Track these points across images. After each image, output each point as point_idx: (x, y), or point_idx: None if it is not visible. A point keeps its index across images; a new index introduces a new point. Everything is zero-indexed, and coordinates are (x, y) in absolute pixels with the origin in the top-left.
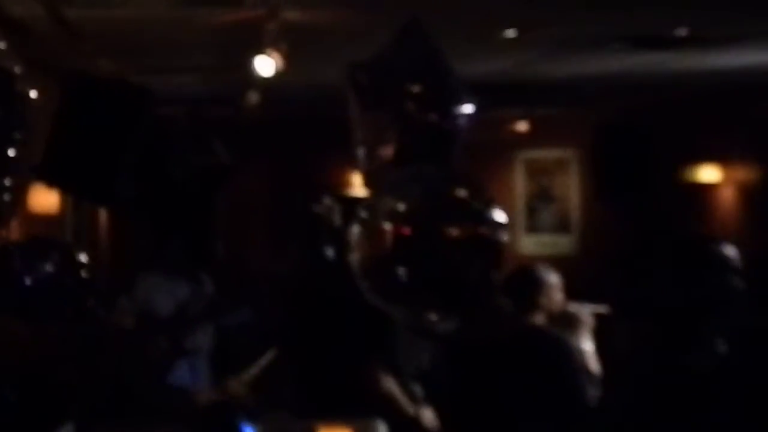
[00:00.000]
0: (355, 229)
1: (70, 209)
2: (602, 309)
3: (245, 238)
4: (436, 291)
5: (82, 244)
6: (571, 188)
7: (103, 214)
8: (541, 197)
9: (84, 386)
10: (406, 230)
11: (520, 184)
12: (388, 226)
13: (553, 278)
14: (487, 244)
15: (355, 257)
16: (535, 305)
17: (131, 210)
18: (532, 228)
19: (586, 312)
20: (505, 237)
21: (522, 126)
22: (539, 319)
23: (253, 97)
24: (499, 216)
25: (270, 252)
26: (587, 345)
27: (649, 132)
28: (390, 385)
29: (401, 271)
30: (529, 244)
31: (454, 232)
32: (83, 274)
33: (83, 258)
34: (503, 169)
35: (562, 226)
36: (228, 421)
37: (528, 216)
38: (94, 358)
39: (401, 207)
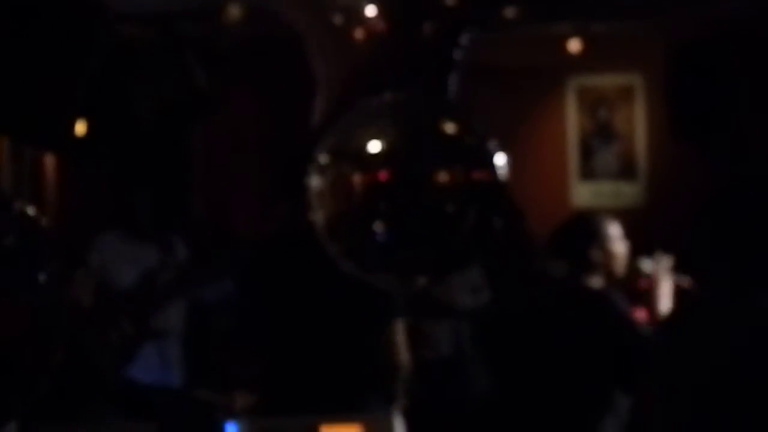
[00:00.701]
0: (315, 180)
1: (6, 155)
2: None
3: (226, 191)
4: (423, 250)
5: (23, 199)
6: (636, 123)
7: (49, 162)
8: (599, 135)
9: (40, 373)
10: (383, 175)
11: (572, 118)
12: (358, 173)
13: (614, 230)
14: (484, 189)
15: (318, 216)
16: (590, 263)
17: (85, 156)
18: (589, 173)
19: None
20: (504, 180)
21: (574, 45)
22: (597, 281)
23: (234, 12)
24: (498, 155)
25: (257, 209)
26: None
27: (735, 51)
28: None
29: (379, 227)
30: (584, 194)
31: (442, 176)
32: (35, 232)
33: (31, 211)
34: (551, 100)
35: (625, 170)
36: (209, 420)
37: (583, 158)
38: (54, 340)
39: (375, 147)
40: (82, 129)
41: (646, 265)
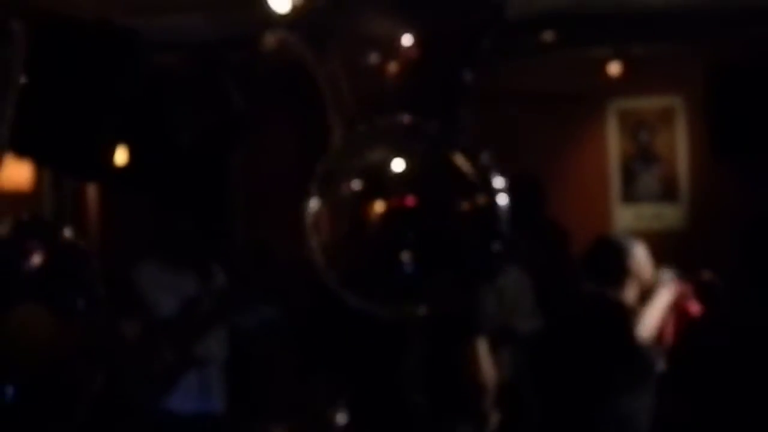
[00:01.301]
0: (313, 203)
1: (48, 185)
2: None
3: (266, 216)
4: (443, 279)
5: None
6: (677, 145)
7: (90, 191)
8: (640, 157)
9: (82, 397)
10: (411, 200)
11: (613, 141)
12: (375, 198)
13: (640, 249)
14: (488, 215)
15: (314, 243)
16: (620, 280)
17: (125, 184)
18: (630, 196)
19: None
20: (504, 205)
21: (614, 68)
22: (629, 295)
23: (271, 39)
24: (497, 180)
25: (298, 234)
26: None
27: None
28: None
29: (406, 258)
30: (626, 216)
31: (463, 204)
32: (78, 257)
33: (73, 236)
34: (592, 123)
35: (667, 193)
36: None
37: (625, 181)
38: (95, 364)
39: (395, 168)
40: (122, 157)
41: (666, 275)
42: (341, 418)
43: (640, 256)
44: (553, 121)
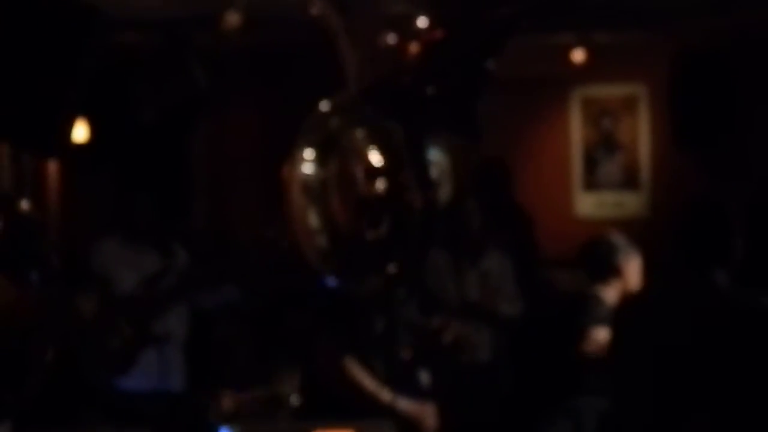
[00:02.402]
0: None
1: (7, 162)
2: None
3: (229, 194)
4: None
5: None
6: (640, 133)
7: (50, 167)
8: (602, 145)
9: (36, 370)
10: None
11: (576, 128)
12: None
13: (632, 251)
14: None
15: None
16: (606, 278)
17: (86, 160)
18: (592, 184)
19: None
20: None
21: (578, 55)
22: (611, 294)
23: (233, 19)
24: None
25: (260, 213)
26: None
27: (739, 61)
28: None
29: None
30: (587, 204)
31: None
32: (36, 229)
33: (29, 209)
34: (555, 110)
35: (629, 180)
36: (202, 424)
37: (587, 169)
38: (48, 338)
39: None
40: (83, 133)
41: None
42: (294, 399)
43: (634, 262)
44: (516, 107)
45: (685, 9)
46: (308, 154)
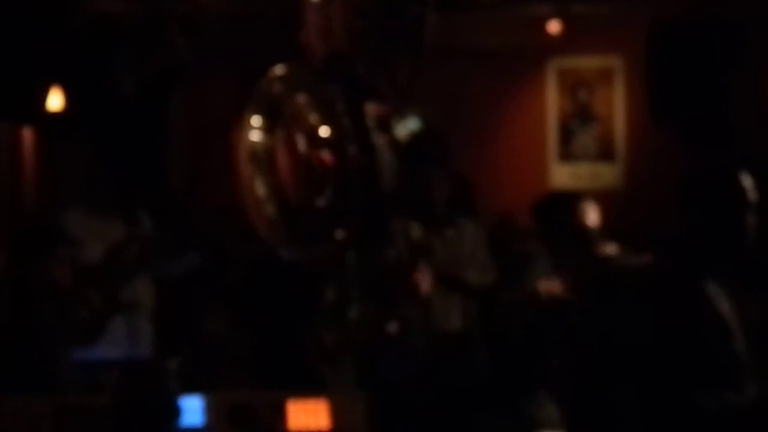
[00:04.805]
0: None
1: None
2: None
3: (199, 163)
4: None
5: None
6: (615, 105)
7: (26, 136)
8: (578, 116)
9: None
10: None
11: (552, 99)
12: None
13: (592, 211)
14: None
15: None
16: (563, 242)
17: (64, 130)
18: (568, 155)
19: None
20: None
21: (554, 27)
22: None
23: None
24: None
25: (230, 182)
26: None
27: (717, 32)
28: None
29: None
30: (563, 175)
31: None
32: None
33: None
34: (531, 81)
35: (604, 152)
36: (163, 395)
37: (562, 140)
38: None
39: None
40: (60, 102)
41: (610, 249)
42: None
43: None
44: (492, 77)
45: None
46: (254, 121)
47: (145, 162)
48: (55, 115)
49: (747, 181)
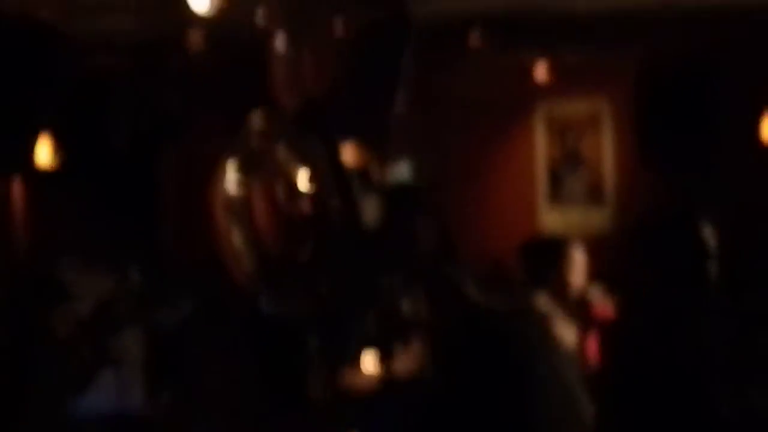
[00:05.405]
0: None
1: None
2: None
3: (189, 215)
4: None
5: None
6: (604, 149)
7: (17, 188)
8: (567, 161)
9: None
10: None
11: (540, 144)
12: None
13: (579, 257)
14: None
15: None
16: (549, 284)
17: (55, 182)
18: (557, 199)
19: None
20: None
21: (541, 72)
22: (545, 300)
23: (196, 36)
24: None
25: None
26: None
27: (706, 77)
28: None
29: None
30: (553, 220)
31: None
32: None
33: None
34: (519, 127)
35: (593, 196)
36: None
37: (551, 184)
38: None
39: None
40: (51, 154)
41: (595, 291)
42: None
43: (580, 266)
44: (480, 123)
45: (647, 27)
46: (230, 171)
47: (136, 214)
48: (46, 168)
49: (706, 230)
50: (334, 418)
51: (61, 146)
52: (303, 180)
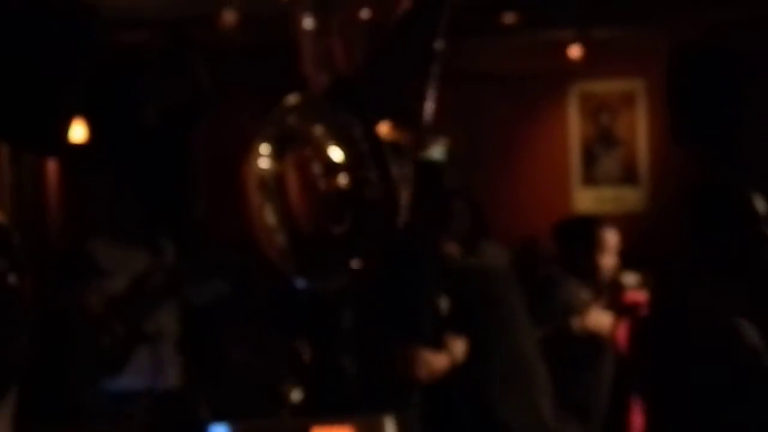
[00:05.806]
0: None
1: (5, 162)
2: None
3: (222, 191)
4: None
5: (25, 205)
6: (638, 128)
7: (50, 168)
8: (601, 140)
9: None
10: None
11: (574, 124)
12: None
13: (612, 239)
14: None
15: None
16: (579, 267)
17: (87, 161)
18: (591, 179)
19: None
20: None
21: (576, 51)
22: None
23: (230, 18)
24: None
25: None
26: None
27: (740, 55)
28: None
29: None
30: (586, 199)
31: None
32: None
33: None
34: (553, 106)
35: (627, 176)
36: (190, 424)
37: (585, 164)
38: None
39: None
40: (83, 133)
41: (629, 278)
42: (296, 394)
43: (613, 249)
44: (514, 102)
45: (681, 4)
46: (264, 149)
47: (168, 191)
48: (78, 146)
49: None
50: (368, 395)
51: (93, 123)
52: (339, 156)
